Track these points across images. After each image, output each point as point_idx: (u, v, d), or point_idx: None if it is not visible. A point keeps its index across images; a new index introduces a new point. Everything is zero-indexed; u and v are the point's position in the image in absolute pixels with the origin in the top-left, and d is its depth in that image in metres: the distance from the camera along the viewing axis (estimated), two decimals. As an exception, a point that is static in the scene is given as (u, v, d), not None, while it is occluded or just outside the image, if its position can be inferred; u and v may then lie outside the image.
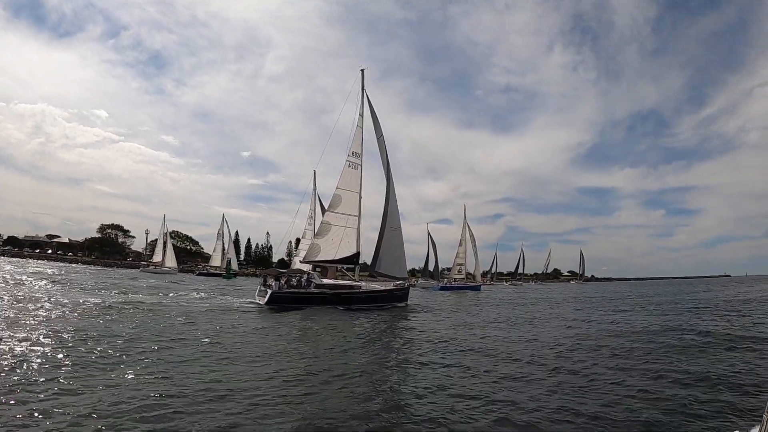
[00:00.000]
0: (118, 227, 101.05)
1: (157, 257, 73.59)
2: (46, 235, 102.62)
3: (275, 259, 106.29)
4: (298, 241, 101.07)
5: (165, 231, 74.62)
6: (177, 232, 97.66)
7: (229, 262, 67.70)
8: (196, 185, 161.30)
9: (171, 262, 71.05)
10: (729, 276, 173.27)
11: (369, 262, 25.29)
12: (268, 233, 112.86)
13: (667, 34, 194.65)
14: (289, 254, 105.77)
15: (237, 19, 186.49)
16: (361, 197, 22.86)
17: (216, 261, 74.20)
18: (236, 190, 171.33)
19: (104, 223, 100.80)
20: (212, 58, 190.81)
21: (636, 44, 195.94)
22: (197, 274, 69.50)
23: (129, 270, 68.31)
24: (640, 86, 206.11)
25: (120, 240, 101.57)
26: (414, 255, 73.04)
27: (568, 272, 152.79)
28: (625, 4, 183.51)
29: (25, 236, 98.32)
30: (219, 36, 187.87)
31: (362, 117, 23.53)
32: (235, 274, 66.81)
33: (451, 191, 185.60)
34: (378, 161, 24.04)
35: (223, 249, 74.14)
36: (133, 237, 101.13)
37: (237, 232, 72.86)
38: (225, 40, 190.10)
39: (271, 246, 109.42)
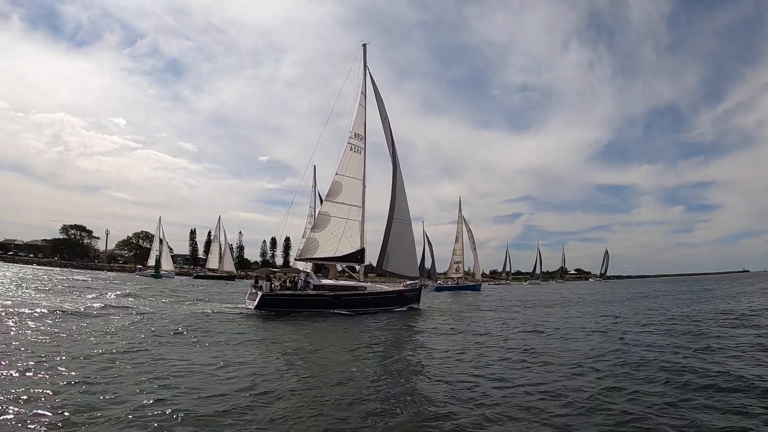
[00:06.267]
0: (82, 228, 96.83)
1: (151, 261, 71.88)
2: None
3: (251, 259, 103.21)
4: (273, 240, 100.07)
5: (162, 235, 73.04)
6: (146, 232, 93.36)
7: (157, 262, 67.10)
8: (215, 191, 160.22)
9: (168, 265, 69.19)
10: (748, 271, 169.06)
11: (374, 263, 22.05)
12: (240, 232, 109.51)
13: (683, 29, 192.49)
14: (263, 254, 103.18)
15: (252, 24, 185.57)
16: (365, 185, 20.00)
17: (213, 264, 72.37)
18: (254, 194, 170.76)
19: (67, 224, 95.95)
20: (229, 63, 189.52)
21: (652, 40, 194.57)
22: (194, 277, 69.07)
23: (118, 274, 66.07)
24: (656, 82, 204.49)
25: (85, 241, 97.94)
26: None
27: (574, 270, 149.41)
28: (641, 0, 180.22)
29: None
30: (235, 42, 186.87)
31: (365, 95, 20.76)
32: (161, 275, 65.43)
33: (467, 191, 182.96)
34: (384, 158, 20.92)
35: (220, 252, 72.07)
36: (97, 238, 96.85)
37: (210, 233, 70.82)
38: (241, 45, 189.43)
39: (242, 246, 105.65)
